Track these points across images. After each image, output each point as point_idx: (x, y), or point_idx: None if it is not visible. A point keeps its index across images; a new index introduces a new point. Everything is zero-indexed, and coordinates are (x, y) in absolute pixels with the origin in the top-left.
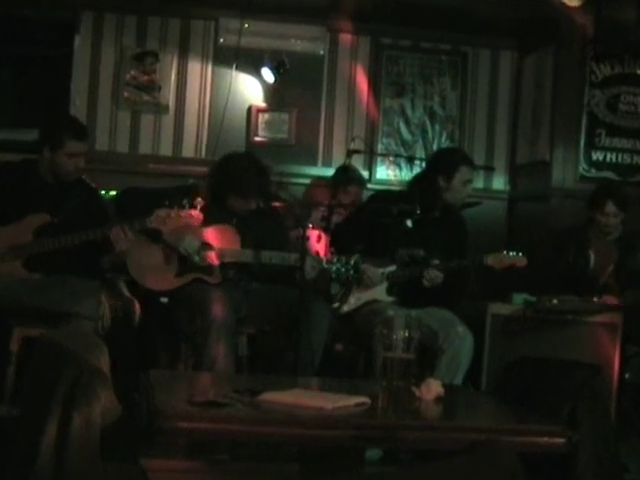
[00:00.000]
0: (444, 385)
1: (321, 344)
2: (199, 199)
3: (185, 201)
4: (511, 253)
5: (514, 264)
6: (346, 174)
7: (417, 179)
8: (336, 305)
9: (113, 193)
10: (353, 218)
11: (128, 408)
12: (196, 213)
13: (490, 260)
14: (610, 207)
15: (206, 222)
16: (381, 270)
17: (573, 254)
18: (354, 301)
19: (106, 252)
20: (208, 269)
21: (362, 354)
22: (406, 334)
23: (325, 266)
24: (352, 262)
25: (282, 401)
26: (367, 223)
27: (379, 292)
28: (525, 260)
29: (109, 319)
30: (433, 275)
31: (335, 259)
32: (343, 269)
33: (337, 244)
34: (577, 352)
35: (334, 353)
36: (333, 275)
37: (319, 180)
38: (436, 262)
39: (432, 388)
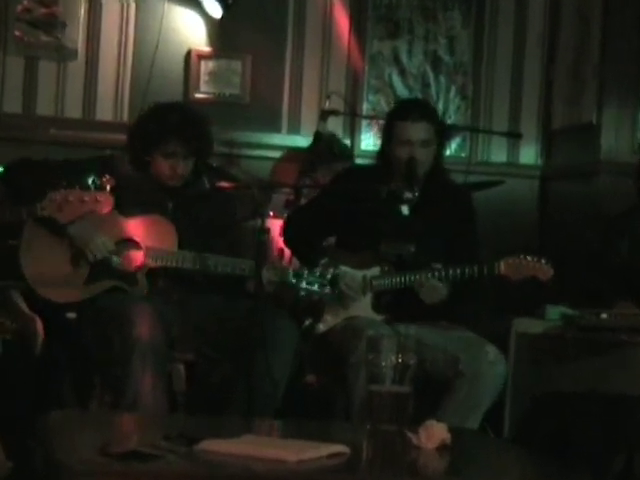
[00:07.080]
0: (451, 429)
1: (285, 374)
2: (108, 177)
3: (91, 180)
4: (529, 257)
5: (535, 276)
6: (330, 145)
7: None
8: (308, 322)
9: None
10: (316, 203)
11: (21, 462)
12: (104, 196)
13: (503, 268)
14: None
15: (127, 207)
16: (361, 273)
17: (626, 248)
18: (332, 318)
19: None
20: (130, 276)
21: (340, 387)
22: (399, 359)
23: (291, 281)
24: (328, 276)
25: (229, 451)
26: (339, 210)
27: (363, 306)
28: (551, 271)
29: (0, 344)
30: (432, 287)
31: (305, 272)
32: (316, 285)
33: (291, 241)
34: (633, 384)
35: (303, 386)
36: (302, 293)
37: (293, 152)
38: (437, 266)
39: (435, 433)
